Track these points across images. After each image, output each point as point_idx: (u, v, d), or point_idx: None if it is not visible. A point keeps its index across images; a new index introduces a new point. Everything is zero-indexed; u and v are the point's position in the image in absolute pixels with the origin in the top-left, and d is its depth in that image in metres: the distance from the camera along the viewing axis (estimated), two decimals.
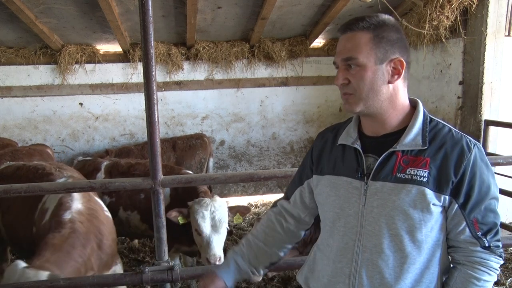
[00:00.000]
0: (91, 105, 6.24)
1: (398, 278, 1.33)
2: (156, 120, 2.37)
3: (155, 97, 2.36)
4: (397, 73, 1.33)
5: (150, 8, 2.25)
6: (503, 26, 4.40)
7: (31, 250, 2.58)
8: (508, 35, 4.44)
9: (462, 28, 4.54)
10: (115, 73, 6.18)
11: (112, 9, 4.46)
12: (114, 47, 6.03)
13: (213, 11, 5.03)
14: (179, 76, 6.31)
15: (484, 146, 4.46)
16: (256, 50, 6.22)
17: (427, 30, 4.67)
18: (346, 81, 1.35)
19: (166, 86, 6.29)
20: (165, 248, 2.56)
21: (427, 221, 1.31)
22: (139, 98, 6.21)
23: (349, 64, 1.33)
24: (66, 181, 3.08)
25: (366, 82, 1.32)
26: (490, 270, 1.34)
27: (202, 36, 5.94)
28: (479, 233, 1.32)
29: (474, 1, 4.35)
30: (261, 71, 6.51)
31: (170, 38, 5.98)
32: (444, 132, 1.35)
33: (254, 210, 6.30)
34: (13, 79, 5.94)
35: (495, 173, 1.76)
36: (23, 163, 3.60)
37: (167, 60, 6.03)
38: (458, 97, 4.79)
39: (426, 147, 1.32)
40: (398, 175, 1.32)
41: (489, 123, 4.47)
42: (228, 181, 2.70)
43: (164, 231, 2.53)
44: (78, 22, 5.07)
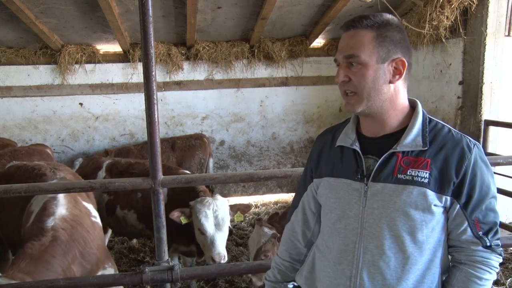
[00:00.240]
0: (91, 105, 6.24)
1: (400, 279, 1.32)
2: (156, 120, 2.36)
3: (155, 97, 2.36)
4: (398, 73, 1.33)
5: (150, 8, 2.24)
6: (503, 26, 4.40)
7: None
8: (508, 35, 4.44)
9: (462, 28, 4.54)
10: (115, 73, 6.18)
11: (112, 9, 4.46)
12: (114, 47, 6.04)
13: (213, 11, 5.03)
14: (179, 76, 6.31)
15: (484, 146, 4.45)
16: (256, 50, 6.22)
17: (427, 30, 4.67)
18: (347, 79, 1.33)
19: (166, 86, 6.29)
20: (165, 248, 2.55)
21: (428, 222, 1.31)
22: (139, 98, 6.21)
23: (351, 62, 1.32)
24: (66, 181, 3.04)
25: (368, 81, 1.30)
26: (491, 269, 1.35)
27: (202, 36, 5.94)
28: (481, 233, 1.32)
29: (474, 1, 4.35)
30: (261, 71, 6.51)
31: (170, 38, 5.98)
32: (444, 133, 1.34)
33: (254, 210, 6.30)
34: (13, 79, 5.94)
35: (495, 173, 1.77)
36: (24, 163, 3.58)
37: (167, 60, 6.03)
38: (458, 97, 4.79)
39: (427, 148, 1.32)
40: (399, 176, 1.31)
41: (489, 123, 4.47)
42: (228, 181, 2.69)
43: (164, 231, 2.53)
44: (78, 22, 5.07)
